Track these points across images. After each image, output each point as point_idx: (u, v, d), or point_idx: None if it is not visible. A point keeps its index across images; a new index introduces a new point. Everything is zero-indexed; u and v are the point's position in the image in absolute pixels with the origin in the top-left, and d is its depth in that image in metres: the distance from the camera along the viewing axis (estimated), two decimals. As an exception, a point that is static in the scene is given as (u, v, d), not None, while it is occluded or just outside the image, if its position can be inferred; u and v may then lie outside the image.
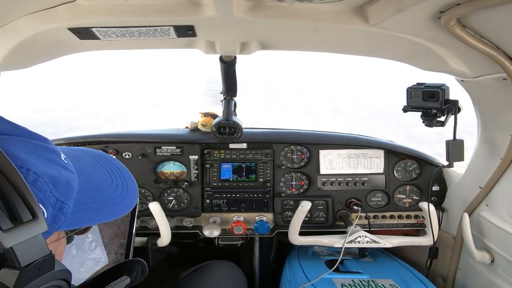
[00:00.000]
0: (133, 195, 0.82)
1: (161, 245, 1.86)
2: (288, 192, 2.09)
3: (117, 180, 0.80)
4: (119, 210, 0.78)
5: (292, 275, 1.89)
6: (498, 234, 1.56)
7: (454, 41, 1.04)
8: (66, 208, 0.63)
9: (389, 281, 1.74)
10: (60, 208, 0.62)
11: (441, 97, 1.51)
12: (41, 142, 0.67)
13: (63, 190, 0.63)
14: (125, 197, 0.79)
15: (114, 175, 0.81)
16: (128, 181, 0.83)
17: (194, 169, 2.04)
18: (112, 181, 0.80)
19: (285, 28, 1.19)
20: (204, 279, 1.55)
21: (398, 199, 2.09)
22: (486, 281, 1.65)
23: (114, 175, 0.81)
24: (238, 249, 2.41)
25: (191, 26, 1.13)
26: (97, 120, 12.44)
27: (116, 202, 0.76)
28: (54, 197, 0.61)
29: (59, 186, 0.63)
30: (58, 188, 0.62)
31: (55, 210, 0.61)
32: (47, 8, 1.03)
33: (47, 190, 0.60)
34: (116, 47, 1.40)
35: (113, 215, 0.77)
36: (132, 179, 0.85)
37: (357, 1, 1.01)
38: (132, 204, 0.81)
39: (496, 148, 1.55)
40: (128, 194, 0.80)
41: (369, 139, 2.10)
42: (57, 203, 0.61)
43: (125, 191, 0.80)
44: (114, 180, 0.80)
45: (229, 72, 1.71)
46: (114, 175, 0.81)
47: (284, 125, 2.82)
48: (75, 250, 1.48)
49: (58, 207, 0.62)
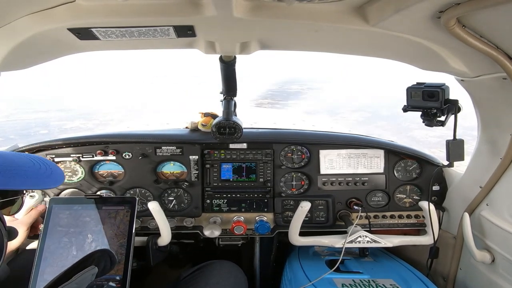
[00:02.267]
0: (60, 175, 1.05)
1: (162, 245, 1.86)
2: (288, 192, 2.09)
3: (40, 165, 0.99)
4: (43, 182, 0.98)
5: (293, 275, 1.89)
6: (498, 233, 1.56)
7: (454, 41, 1.04)
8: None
9: (389, 281, 1.74)
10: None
11: (441, 97, 1.51)
12: None
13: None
14: (49, 175, 0.98)
15: (37, 162, 0.99)
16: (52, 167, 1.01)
17: (194, 169, 2.04)
18: (34, 164, 0.97)
19: (285, 28, 1.18)
20: (205, 279, 1.55)
21: (398, 199, 2.09)
22: (486, 280, 1.65)
23: (36, 161, 0.99)
24: (239, 249, 2.41)
25: (191, 26, 1.13)
26: (90, 121, 12.44)
27: (40, 176, 0.95)
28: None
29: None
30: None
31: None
32: (46, 8, 1.03)
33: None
34: (115, 47, 1.39)
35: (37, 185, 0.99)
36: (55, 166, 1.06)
37: (357, 1, 1.01)
38: (58, 183, 1.03)
39: (496, 148, 1.55)
40: (53, 174, 1.00)
41: (369, 139, 2.10)
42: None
43: (48, 173, 0.99)
44: (36, 164, 0.98)
45: (229, 72, 1.70)
46: (37, 162, 0.99)
47: (284, 125, 2.81)
48: (75, 251, 1.48)
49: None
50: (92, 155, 2.00)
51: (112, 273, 1.40)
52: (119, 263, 1.41)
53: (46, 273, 1.38)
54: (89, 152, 2.00)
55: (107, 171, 2.05)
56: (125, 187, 2.04)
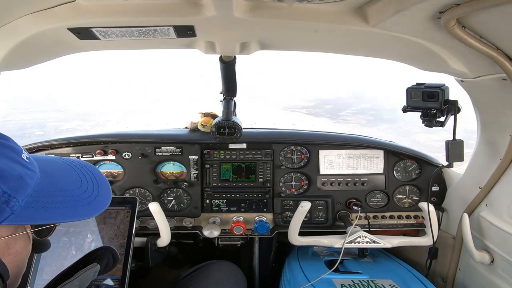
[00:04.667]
0: (103, 202, 0.82)
1: (161, 245, 1.86)
2: (288, 192, 2.09)
3: (88, 184, 0.81)
4: (83, 212, 0.77)
5: (292, 275, 1.88)
6: (497, 234, 1.56)
7: (454, 42, 1.05)
8: (13, 202, 0.63)
9: (388, 281, 1.74)
10: (6, 201, 0.62)
11: (440, 97, 1.51)
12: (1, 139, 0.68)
13: (12, 184, 0.63)
14: (92, 201, 0.79)
15: (86, 180, 0.82)
16: (101, 188, 0.83)
17: (194, 169, 2.04)
18: (82, 184, 0.80)
19: (285, 28, 1.19)
20: (204, 279, 1.55)
21: (397, 199, 2.09)
22: (485, 281, 1.65)
23: (86, 180, 0.82)
24: (238, 249, 2.41)
25: (191, 26, 1.13)
26: (87, 122, 12.40)
27: (80, 204, 0.76)
28: (0, 189, 0.61)
29: (7, 179, 0.63)
30: (6, 181, 0.62)
31: (0, 202, 0.61)
32: (47, 8, 1.03)
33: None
34: (115, 47, 1.39)
35: (74, 217, 0.76)
36: (107, 188, 0.86)
37: (357, 2, 1.01)
38: (99, 210, 0.81)
39: (496, 149, 1.55)
40: (97, 199, 0.80)
41: (369, 139, 2.10)
42: (3, 195, 0.61)
43: (94, 196, 0.80)
44: (84, 183, 0.81)
45: (229, 72, 1.71)
46: (86, 180, 0.82)
47: (284, 125, 2.81)
48: (74, 250, 1.48)
49: (4, 199, 0.61)
50: (91, 155, 2.00)
51: (111, 273, 1.40)
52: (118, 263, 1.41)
53: (45, 273, 1.38)
54: (88, 152, 2.00)
55: (107, 171, 2.05)
56: (124, 187, 2.04)
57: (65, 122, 12.61)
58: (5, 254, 0.68)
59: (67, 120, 12.93)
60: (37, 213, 0.68)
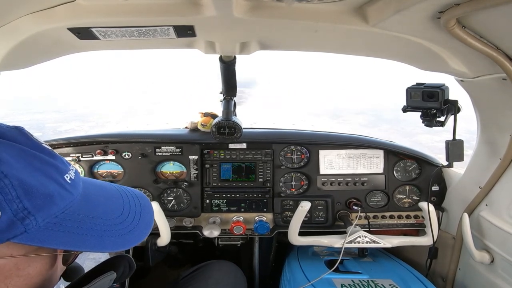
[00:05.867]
0: (136, 237, 0.74)
1: (161, 245, 1.86)
2: (288, 192, 2.09)
3: (129, 215, 0.74)
4: (108, 244, 0.69)
5: (292, 275, 1.89)
6: (497, 234, 1.56)
7: (454, 41, 1.05)
8: (30, 220, 0.59)
9: (388, 281, 1.74)
10: (23, 217, 0.58)
11: (440, 97, 1.51)
12: (46, 156, 0.65)
13: (37, 202, 0.60)
14: (125, 234, 0.72)
15: (129, 209, 0.75)
16: (142, 221, 0.76)
17: (194, 169, 2.04)
18: (122, 213, 0.74)
19: (284, 28, 1.19)
20: (204, 279, 1.55)
21: (397, 199, 2.09)
22: (485, 281, 1.65)
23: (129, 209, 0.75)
24: (238, 249, 2.41)
25: (190, 26, 1.13)
26: (86, 123, 12.38)
27: (109, 235, 0.70)
28: (21, 204, 0.58)
29: (33, 196, 0.59)
30: (30, 198, 0.59)
31: (16, 218, 0.57)
32: (46, 8, 1.03)
33: (11, 194, 0.57)
34: (115, 47, 1.39)
35: (95, 248, 0.68)
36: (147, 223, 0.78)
37: (357, 1, 1.01)
38: (128, 245, 0.72)
39: (496, 148, 1.55)
40: (131, 233, 0.73)
41: (369, 139, 2.10)
42: (22, 211, 0.58)
43: (129, 229, 0.73)
44: (126, 213, 0.74)
45: (229, 72, 1.71)
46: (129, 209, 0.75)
47: (284, 125, 2.82)
48: (74, 250, 1.48)
49: (21, 216, 0.58)
50: (91, 155, 2.00)
51: None
52: None
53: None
54: (88, 152, 2.00)
55: (107, 171, 2.05)
56: None
57: (64, 123, 12.61)
58: (12, 275, 0.62)
59: (66, 121, 12.92)
60: (55, 237, 0.62)
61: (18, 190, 0.58)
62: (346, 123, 12.97)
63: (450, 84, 1.53)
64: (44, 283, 0.69)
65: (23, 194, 0.58)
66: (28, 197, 0.59)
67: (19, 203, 0.58)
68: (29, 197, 0.59)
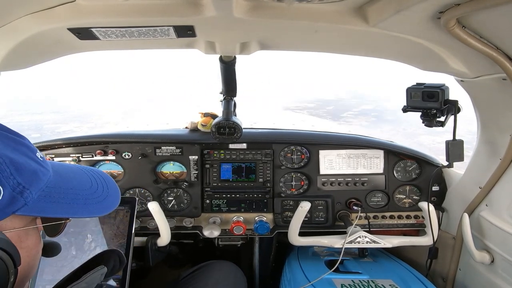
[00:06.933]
0: (112, 201, 0.85)
1: (161, 245, 1.86)
2: (288, 192, 2.09)
3: (98, 186, 0.84)
4: (93, 210, 0.80)
5: (292, 275, 1.88)
6: (498, 234, 1.56)
7: (454, 41, 1.05)
8: (27, 193, 0.65)
9: (389, 281, 1.74)
10: (21, 192, 0.64)
11: (440, 97, 1.51)
12: (16, 137, 0.71)
13: (27, 178, 0.66)
14: (102, 201, 0.82)
15: (96, 182, 0.84)
16: (110, 189, 0.86)
17: (194, 170, 2.04)
18: (92, 185, 0.83)
19: (284, 28, 1.19)
20: (204, 279, 1.55)
21: (398, 199, 2.09)
22: (486, 281, 1.65)
23: (96, 182, 0.84)
24: (238, 249, 2.41)
25: (191, 26, 1.13)
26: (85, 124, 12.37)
27: (90, 202, 0.79)
28: (16, 180, 0.63)
29: (23, 172, 0.65)
30: (21, 174, 0.65)
31: (15, 192, 0.63)
32: (47, 8, 1.03)
33: (7, 171, 0.62)
34: (115, 47, 1.39)
35: (84, 213, 0.80)
36: (116, 190, 0.88)
37: (357, 1, 1.01)
38: (109, 209, 0.83)
39: (496, 148, 1.55)
40: (107, 199, 0.83)
41: (369, 139, 2.10)
42: (18, 186, 0.64)
43: (103, 196, 0.83)
44: (94, 185, 0.83)
45: (229, 72, 1.71)
46: (96, 182, 0.84)
47: (284, 125, 2.81)
48: (74, 251, 1.48)
49: (19, 190, 0.64)
50: (91, 155, 2.00)
51: None
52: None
53: (45, 273, 1.38)
54: (88, 152, 2.00)
55: (107, 171, 2.05)
56: (124, 187, 2.04)
57: (63, 124, 12.58)
58: (18, 247, 0.69)
59: (65, 122, 12.89)
60: (49, 207, 0.70)
61: (10, 168, 0.63)
62: (348, 124, 12.95)
63: (450, 84, 1.53)
64: (37, 257, 0.78)
65: (15, 171, 0.64)
66: (19, 173, 0.64)
67: (13, 179, 0.63)
68: (20, 174, 0.64)
